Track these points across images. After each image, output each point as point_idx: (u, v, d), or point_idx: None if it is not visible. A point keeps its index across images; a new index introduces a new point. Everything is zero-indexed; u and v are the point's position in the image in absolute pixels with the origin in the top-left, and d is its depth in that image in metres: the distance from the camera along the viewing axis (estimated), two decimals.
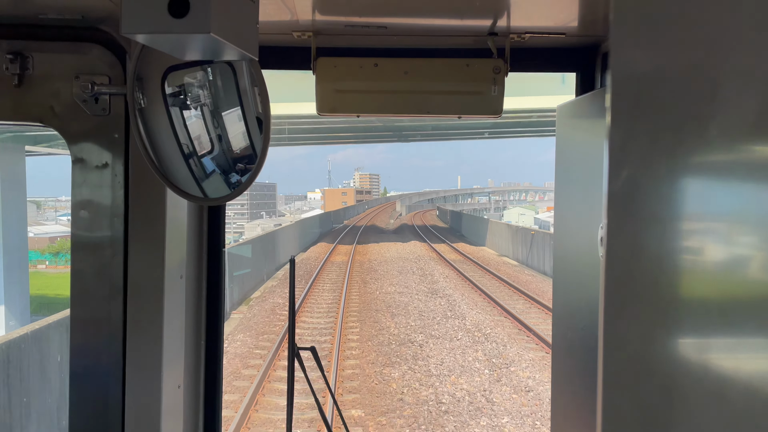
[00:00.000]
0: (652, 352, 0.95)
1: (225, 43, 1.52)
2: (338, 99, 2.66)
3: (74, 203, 2.31)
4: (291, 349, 2.59)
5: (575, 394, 2.66)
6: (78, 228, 2.31)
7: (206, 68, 2.02)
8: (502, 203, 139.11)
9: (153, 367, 2.31)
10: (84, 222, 2.31)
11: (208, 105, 2.07)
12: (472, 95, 2.63)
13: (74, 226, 2.31)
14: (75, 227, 2.31)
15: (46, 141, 26.96)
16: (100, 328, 2.31)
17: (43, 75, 2.24)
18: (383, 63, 2.62)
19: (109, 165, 2.29)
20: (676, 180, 0.96)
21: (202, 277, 2.67)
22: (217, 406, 2.73)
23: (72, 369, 2.34)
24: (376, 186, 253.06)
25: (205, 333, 2.68)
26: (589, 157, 2.53)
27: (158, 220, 2.30)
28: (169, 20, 1.44)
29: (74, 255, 2.32)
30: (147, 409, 2.31)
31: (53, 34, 2.25)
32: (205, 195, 2.13)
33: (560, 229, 2.91)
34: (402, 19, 2.44)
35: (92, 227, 2.30)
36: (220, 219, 2.73)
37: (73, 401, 2.33)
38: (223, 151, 2.12)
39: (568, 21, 2.45)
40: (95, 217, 2.30)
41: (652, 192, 0.96)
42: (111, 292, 2.30)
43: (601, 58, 2.73)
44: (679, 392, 0.92)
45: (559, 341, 2.90)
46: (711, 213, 0.92)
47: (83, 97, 2.23)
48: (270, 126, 1.96)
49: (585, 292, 2.57)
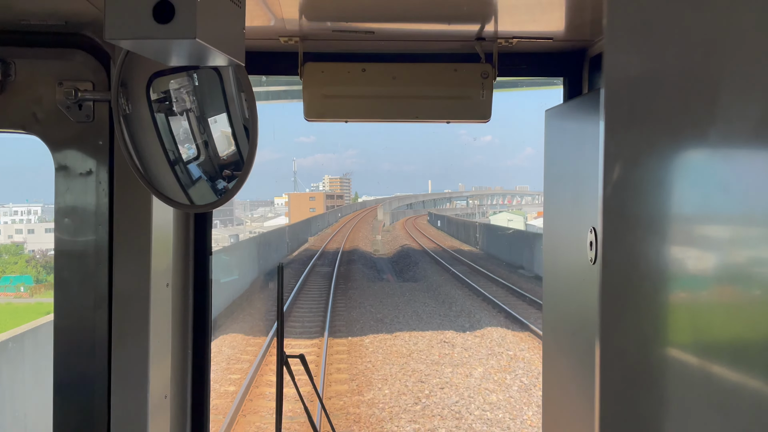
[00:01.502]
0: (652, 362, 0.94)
1: (211, 49, 1.50)
2: (326, 105, 2.64)
3: (58, 211, 2.27)
4: (280, 357, 2.57)
5: (567, 399, 2.66)
6: (62, 236, 2.27)
7: (192, 74, 1.99)
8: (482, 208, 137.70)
9: (139, 376, 2.28)
10: (68, 230, 2.27)
11: (194, 111, 2.05)
12: (460, 100, 2.63)
13: (58, 234, 2.28)
14: (59, 235, 2.28)
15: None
16: (85, 338, 2.27)
17: (26, 81, 2.20)
18: (371, 68, 2.61)
19: (93, 172, 2.25)
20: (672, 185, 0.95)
21: (188, 285, 2.64)
22: (204, 415, 2.70)
23: (56, 379, 2.30)
24: (348, 190, 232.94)
25: (192, 341, 2.65)
26: (578, 161, 2.54)
27: (144, 227, 2.27)
28: (153, 26, 1.42)
29: (58, 263, 2.28)
30: (133, 420, 2.28)
31: (36, 40, 2.21)
32: (191, 202, 2.10)
33: (550, 233, 2.91)
34: (389, 24, 2.43)
35: (76, 235, 2.27)
36: (207, 226, 2.70)
37: (57, 411, 2.29)
38: (209, 157, 2.09)
39: (556, 26, 2.46)
40: (79, 226, 2.27)
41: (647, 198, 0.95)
42: (96, 300, 2.27)
43: (588, 63, 2.74)
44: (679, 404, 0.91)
45: (549, 344, 2.89)
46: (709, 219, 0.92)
47: (66, 103, 2.19)
48: (257, 132, 1.94)
49: (575, 295, 2.57)
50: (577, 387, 2.49)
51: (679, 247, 0.95)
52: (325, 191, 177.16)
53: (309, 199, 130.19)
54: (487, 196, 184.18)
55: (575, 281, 2.54)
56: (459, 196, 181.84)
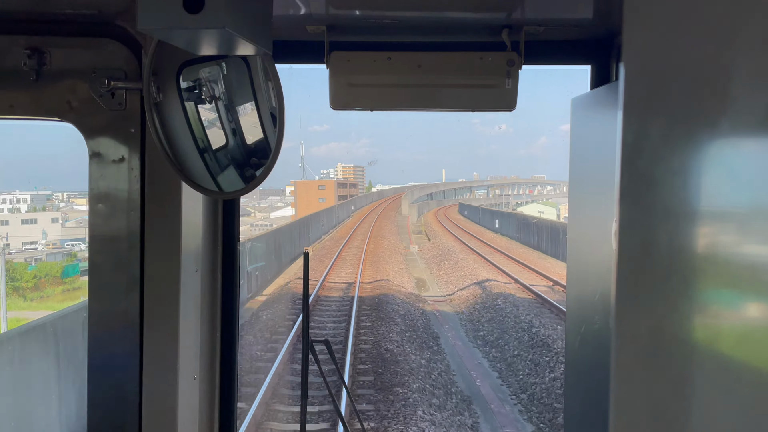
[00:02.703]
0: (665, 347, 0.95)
1: (239, 38, 1.53)
2: (352, 93, 2.66)
3: (91, 197, 2.33)
4: (305, 342, 2.61)
5: (588, 389, 2.66)
6: (95, 221, 2.34)
7: (221, 63, 2.03)
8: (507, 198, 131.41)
9: (169, 359, 2.34)
10: (101, 215, 2.33)
11: (222, 99, 2.09)
12: (485, 88, 2.62)
13: (92, 220, 2.34)
14: (93, 220, 2.34)
15: None
16: (118, 321, 2.34)
17: (60, 70, 2.26)
18: (396, 57, 2.62)
19: (126, 159, 2.31)
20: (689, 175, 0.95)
21: (217, 270, 2.69)
22: (232, 398, 2.76)
23: (90, 360, 2.37)
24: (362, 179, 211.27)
25: (220, 326, 2.71)
26: (604, 150, 2.52)
27: (174, 213, 2.32)
28: (184, 15, 1.45)
29: (92, 248, 2.35)
30: (164, 401, 2.34)
31: (70, 30, 2.27)
32: (220, 189, 2.14)
33: (574, 223, 2.90)
34: (415, 12, 2.43)
35: (109, 221, 2.33)
36: (235, 212, 2.75)
37: (92, 391, 2.37)
38: (237, 145, 2.13)
39: (583, 13, 2.43)
40: (112, 211, 2.33)
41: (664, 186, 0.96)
42: (128, 284, 2.33)
43: (616, 50, 2.71)
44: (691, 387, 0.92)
45: (572, 336, 2.89)
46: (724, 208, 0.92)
47: (100, 92, 2.25)
48: (284, 120, 1.97)
49: (599, 288, 2.56)
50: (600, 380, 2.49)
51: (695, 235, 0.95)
52: (336, 179, 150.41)
53: (318, 188, 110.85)
54: (507, 185, 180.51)
55: (600, 272, 2.53)
56: (479, 185, 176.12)
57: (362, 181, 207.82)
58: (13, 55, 2.24)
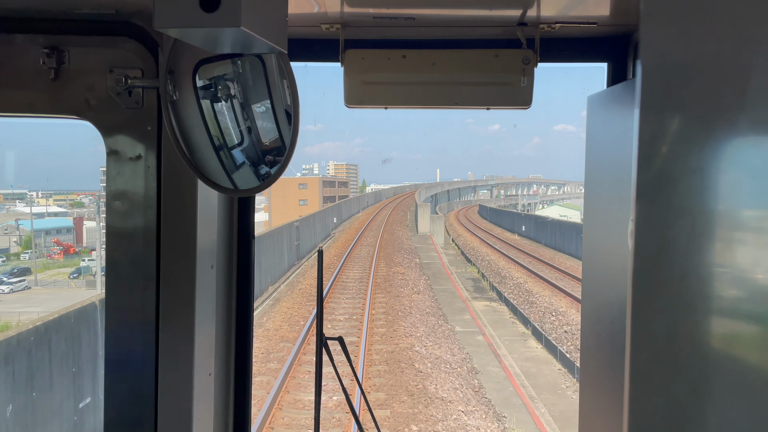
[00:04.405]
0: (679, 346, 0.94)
1: (255, 37, 1.54)
2: (366, 91, 2.66)
3: (108, 194, 2.36)
4: (319, 339, 2.62)
5: (604, 388, 2.64)
6: (112, 218, 2.36)
7: (236, 61, 2.04)
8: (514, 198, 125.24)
9: (185, 355, 2.36)
10: (118, 212, 2.36)
11: (238, 97, 2.10)
12: (500, 86, 2.61)
13: (109, 216, 2.37)
14: (109, 217, 2.37)
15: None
16: (134, 316, 2.37)
17: (79, 69, 2.29)
18: (411, 54, 2.62)
19: (142, 157, 2.33)
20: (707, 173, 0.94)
21: (232, 267, 2.71)
22: (247, 393, 2.77)
23: (107, 355, 2.40)
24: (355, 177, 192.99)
25: (235, 322, 2.72)
26: (620, 148, 2.50)
27: (190, 210, 2.34)
28: (200, 14, 1.46)
29: (109, 244, 2.38)
30: (179, 396, 2.36)
31: (88, 29, 2.29)
32: (235, 186, 2.16)
33: (590, 222, 2.88)
34: (430, 10, 2.42)
35: (126, 217, 2.36)
36: (250, 210, 2.76)
37: (108, 386, 2.40)
38: (252, 143, 2.14)
39: (600, 10, 2.42)
40: (129, 208, 2.35)
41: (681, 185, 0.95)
42: (144, 280, 2.35)
43: (633, 48, 2.68)
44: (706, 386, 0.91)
45: (588, 335, 2.87)
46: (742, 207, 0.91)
47: (117, 90, 2.27)
48: (299, 118, 1.97)
49: (615, 286, 2.54)
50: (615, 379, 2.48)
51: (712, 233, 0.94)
52: (321, 177, 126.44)
53: (298, 187, 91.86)
54: (511, 185, 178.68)
55: (616, 271, 2.51)
56: (483, 185, 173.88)
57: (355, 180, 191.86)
58: (32, 54, 2.26)
